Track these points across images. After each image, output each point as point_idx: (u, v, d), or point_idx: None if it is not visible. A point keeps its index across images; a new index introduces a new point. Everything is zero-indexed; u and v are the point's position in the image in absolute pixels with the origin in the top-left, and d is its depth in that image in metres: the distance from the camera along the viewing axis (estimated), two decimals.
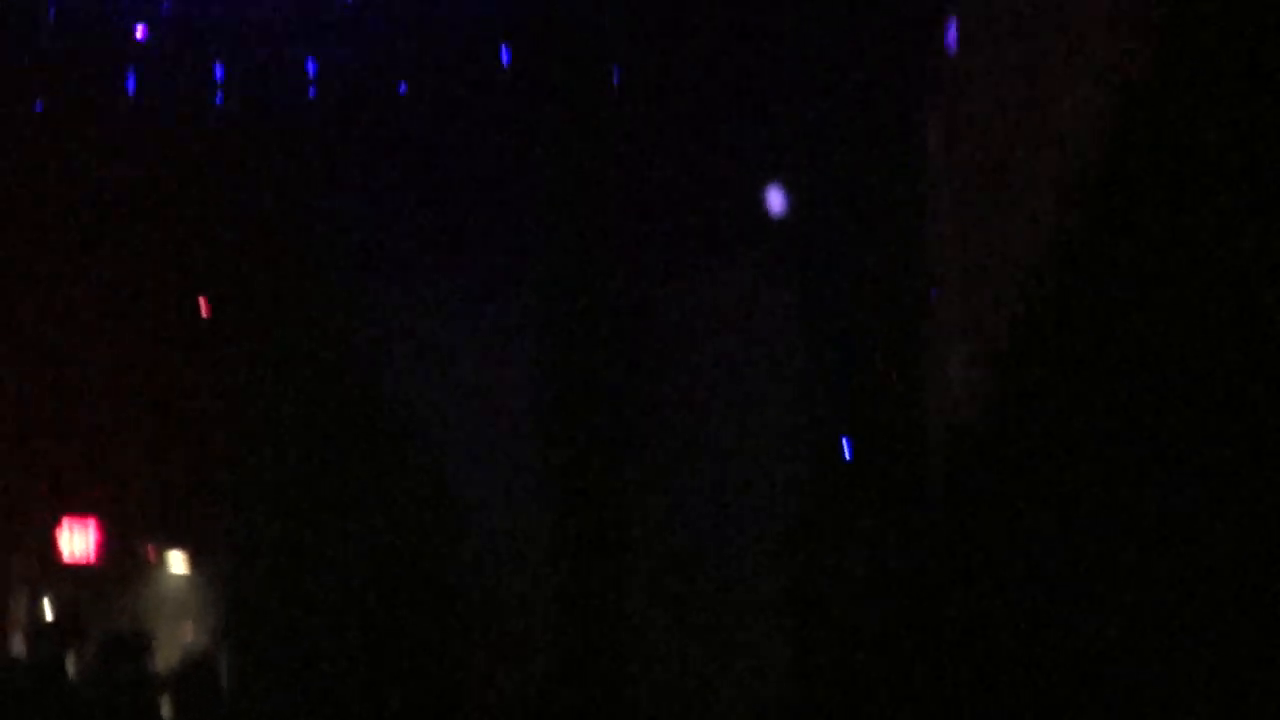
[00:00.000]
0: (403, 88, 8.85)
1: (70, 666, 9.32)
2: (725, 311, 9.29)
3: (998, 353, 7.28)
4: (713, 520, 9.15)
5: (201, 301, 9.95)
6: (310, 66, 8.92)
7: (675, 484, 9.32)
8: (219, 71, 8.91)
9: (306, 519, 9.31)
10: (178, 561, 14.94)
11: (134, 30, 8.68)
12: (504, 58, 8.75)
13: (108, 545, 12.76)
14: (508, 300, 9.45)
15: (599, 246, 9.19)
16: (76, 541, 12.73)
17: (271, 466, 9.39)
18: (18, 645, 11.35)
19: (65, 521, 12.60)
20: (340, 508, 9.29)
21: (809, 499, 9.23)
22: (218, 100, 8.97)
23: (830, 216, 8.65)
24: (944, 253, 7.99)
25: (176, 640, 12.76)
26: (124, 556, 13.64)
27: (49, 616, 12.88)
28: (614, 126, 8.83)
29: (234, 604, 11.25)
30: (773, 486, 9.13)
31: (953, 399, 7.96)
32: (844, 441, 9.14)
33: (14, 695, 9.09)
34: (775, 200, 8.78)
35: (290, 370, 9.47)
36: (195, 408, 10.00)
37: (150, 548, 14.15)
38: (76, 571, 13.30)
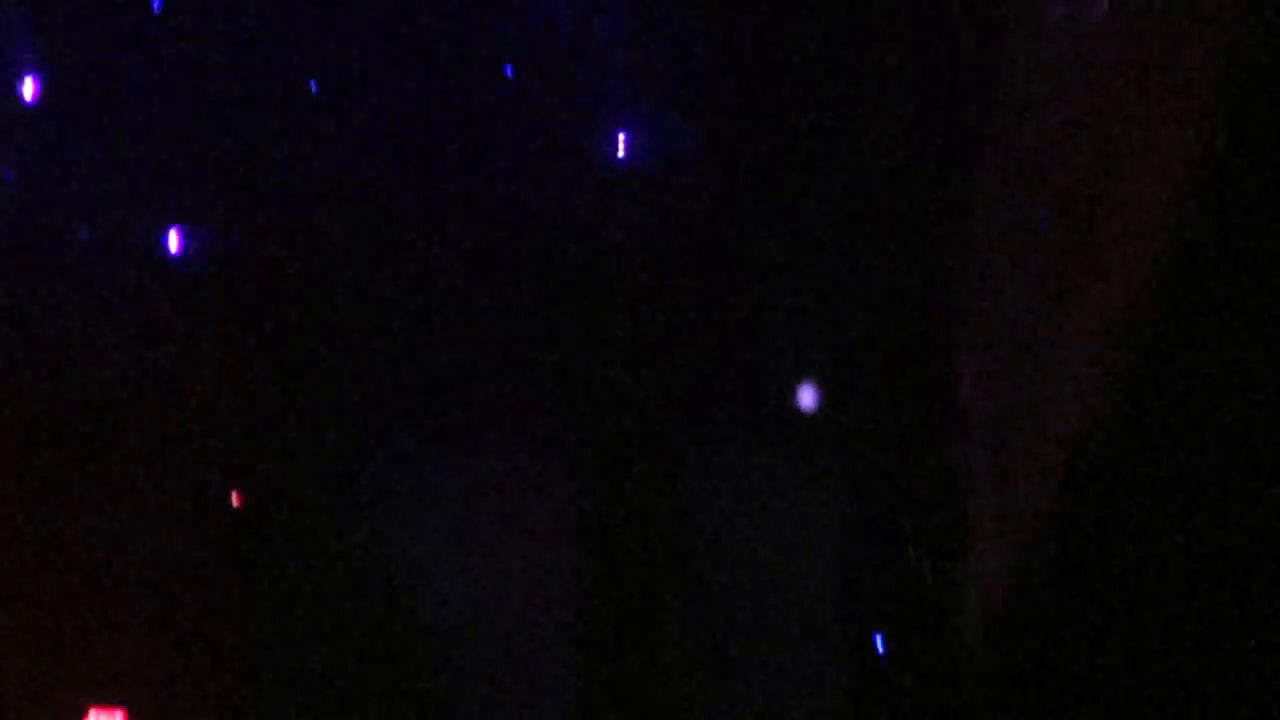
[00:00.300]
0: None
1: None
2: (759, 502, 9.29)
3: (1034, 546, 7.30)
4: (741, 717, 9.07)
5: (234, 495, 10.00)
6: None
7: (704, 679, 9.25)
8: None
9: (335, 713, 9.25)
10: None
11: None
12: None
13: None
14: (538, 496, 9.48)
15: (631, 430, 9.23)
16: None
17: (302, 660, 9.36)
18: None
19: (92, 712, 12.55)
20: (371, 702, 9.24)
21: (841, 696, 9.16)
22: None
23: (865, 408, 8.68)
24: (980, 447, 8.03)
25: None
26: None
27: None
28: (652, 313, 8.92)
29: None
30: (804, 683, 9.06)
31: (989, 593, 7.95)
32: (877, 637, 9.08)
33: None
34: (807, 395, 8.82)
35: (320, 561, 9.49)
36: (225, 598, 10.00)
37: None
38: None
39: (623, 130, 8.71)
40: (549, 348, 8.89)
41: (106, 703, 11.63)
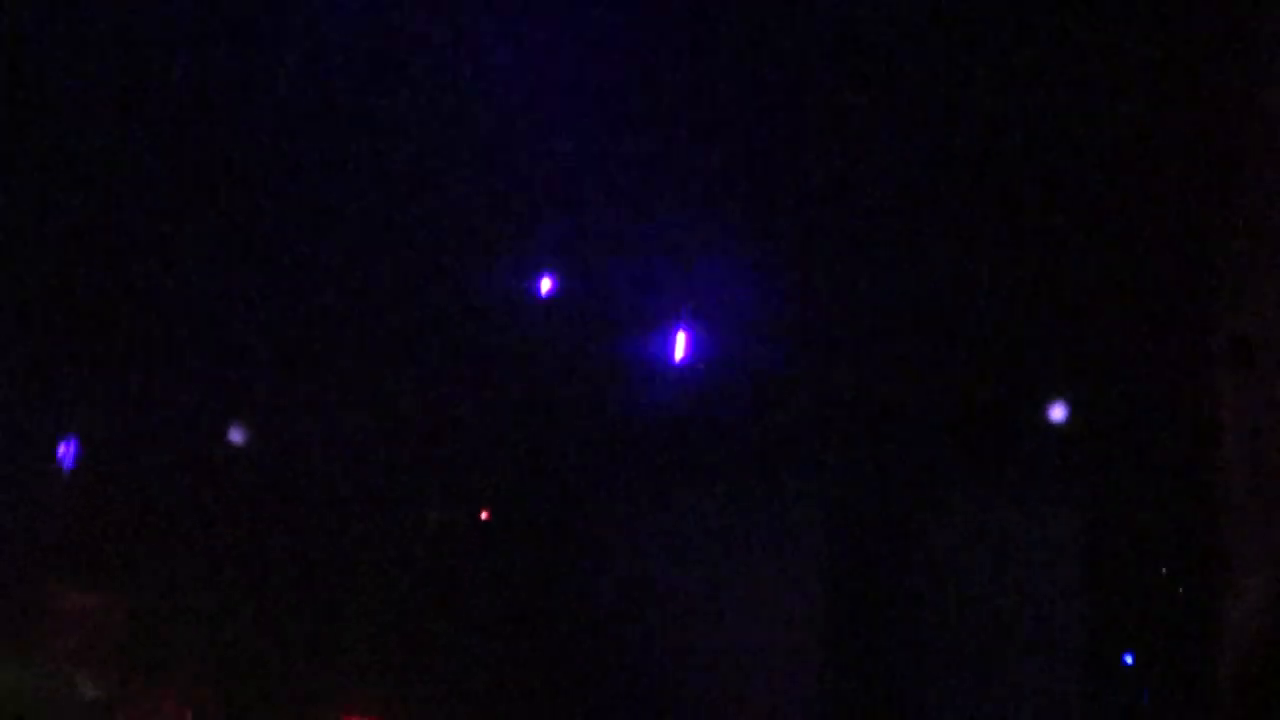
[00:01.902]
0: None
1: None
2: (1008, 529, 9.19)
3: None
4: None
5: (484, 513, 10.24)
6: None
7: (956, 703, 9.19)
8: None
9: None
10: None
11: None
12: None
13: None
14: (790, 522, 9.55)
15: (882, 463, 9.21)
16: None
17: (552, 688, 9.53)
18: None
19: None
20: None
21: (1087, 710, 9.01)
22: None
23: (1118, 433, 8.53)
24: (1231, 464, 7.78)
25: None
26: None
27: None
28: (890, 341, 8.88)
29: None
30: (1058, 704, 8.94)
31: (1248, 616, 7.70)
32: (1126, 656, 8.91)
33: None
34: (1059, 413, 8.70)
35: (560, 592, 9.66)
36: (476, 612, 10.23)
37: None
38: None
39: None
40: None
41: (363, 713, 11.85)
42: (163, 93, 8.44)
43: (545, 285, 8.89)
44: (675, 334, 8.85)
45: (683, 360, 8.80)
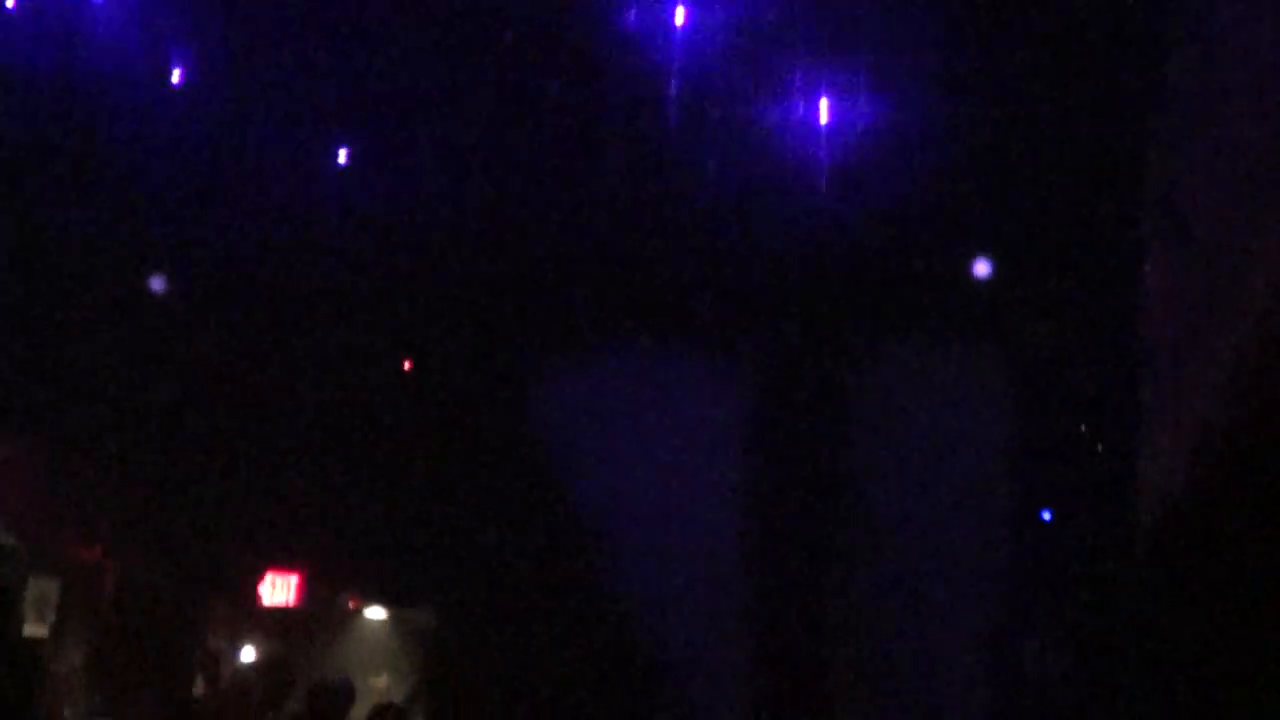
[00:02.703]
0: None
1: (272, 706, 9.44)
2: (932, 379, 9.21)
3: (1210, 425, 7.07)
4: (913, 595, 9.07)
5: (406, 362, 10.16)
6: None
7: (876, 548, 9.26)
8: None
9: (503, 582, 9.43)
10: (376, 611, 15.25)
11: None
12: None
13: (309, 596, 13.09)
14: (713, 370, 9.54)
15: (806, 314, 9.19)
16: (279, 593, 13.10)
17: (471, 529, 9.54)
18: (224, 686, 11.62)
19: (270, 575, 12.95)
20: (538, 575, 9.40)
21: (1010, 564, 9.10)
22: None
23: (1040, 286, 8.52)
24: (1156, 328, 7.79)
25: (373, 685, 12.99)
26: (325, 606, 13.96)
27: (252, 659, 13.20)
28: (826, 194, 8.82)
29: (430, 654, 11.44)
30: (974, 551, 9.02)
31: (1161, 471, 7.76)
32: (1045, 512, 9.00)
33: None
34: (982, 267, 8.69)
35: (486, 435, 9.62)
36: (397, 470, 10.21)
37: (352, 599, 14.47)
38: (279, 618, 13.63)
39: None
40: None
41: (283, 568, 11.81)
42: None
43: None
44: None
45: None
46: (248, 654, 13.55)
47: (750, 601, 9.30)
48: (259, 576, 12.55)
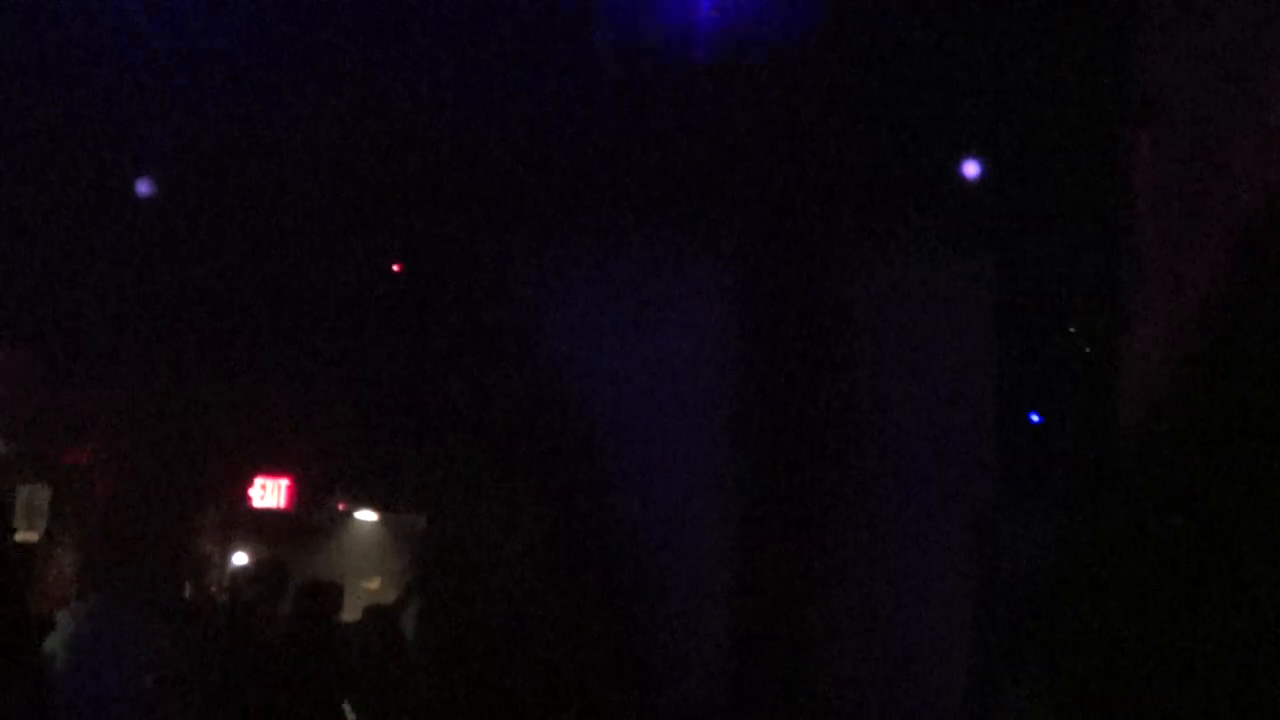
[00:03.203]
0: None
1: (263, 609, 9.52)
2: (917, 285, 9.21)
3: (1193, 330, 7.08)
4: (901, 499, 9.12)
5: (395, 265, 10.16)
6: None
7: (863, 450, 9.30)
8: None
9: (492, 484, 9.47)
10: (367, 514, 15.34)
11: None
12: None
13: (300, 500, 13.17)
14: (701, 272, 9.53)
15: (792, 217, 9.17)
16: (269, 497, 13.17)
17: (461, 432, 9.57)
18: (214, 589, 11.73)
19: (260, 479, 13.02)
20: (523, 477, 9.44)
21: (998, 467, 9.14)
22: None
23: (1026, 193, 8.51)
24: (1141, 229, 7.78)
25: (364, 587, 13.11)
26: (316, 510, 14.04)
27: (245, 562, 13.29)
28: (812, 91, 8.76)
29: (421, 557, 11.51)
30: (962, 462, 9.06)
31: (1147, 376, 7.78)
32: (1032, 415, 9.03)
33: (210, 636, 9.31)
34: (971, 170, 8.67)
35: (471, 340, 9.63)
36: (387, 374, 10.22)
37: (342, 502, 14.55)
38: (270, 522, 13.72)
39: None
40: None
41: (273, 472, 11.83)
42: None
43: None
44: None
45: None
46: (239, 558, 13.65)
47: (735, 501, 9.35)
48: (249, 480, 12.61)
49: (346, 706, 7.82)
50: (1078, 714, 7.26)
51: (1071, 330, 8.85)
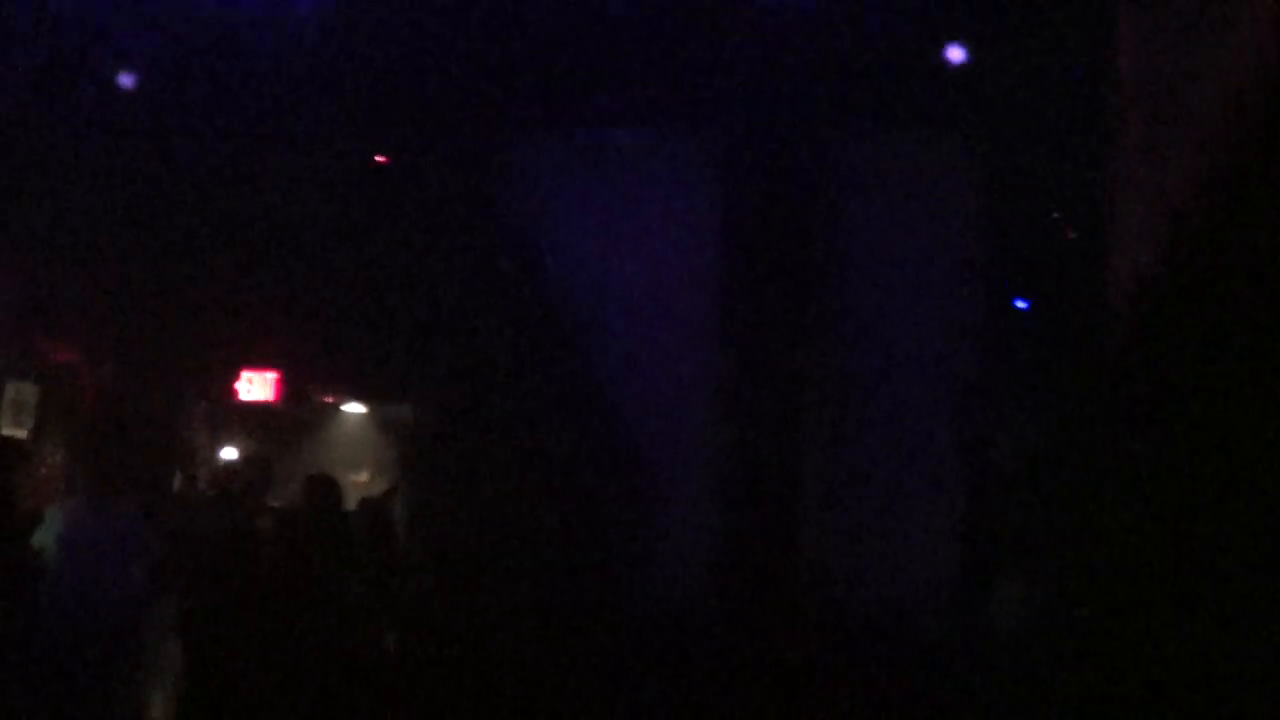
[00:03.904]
0: None
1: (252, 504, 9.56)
2: (902, 172, 9.17)
3: (1184, 206, 7.05)
4: (888, 388, 9.13)
5: (378, 158, 10.09)
6: None
7: (849, 341, 9.30)
8: None
9: (480, 376, 9.47)
10: (355, 407, 15.36)
11: None
12: None
13: (288, 393, 13.18)
14: (686, 161, 9.50)
15: (776, 97, 9.11)
16: (257, 390, 13.16)
17: (448, 323, 9.55)
18: (202, 484, 11.78)
19: (247, 372, 13.01)
20: (513, 369, 9.43)
21: (984, 354, 9.15)
22: None
23: (1010, 78, 8.44)
24: (1126, 109, 7.73)
25: (353, 480, 13.16)
26: (304, 403, 14.05)
27: (234, 456, 13.34)
28: None
29: (409, 449, 11.54)
30: (947, 343, 9.06)
31: (1131, 255, 7.75)
32: (1017, 298, 9.02)
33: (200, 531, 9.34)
34: (955, 55, 8.59)
35: (461, 235, 9.59)
36: (373, 265, 10.20)
37: (330, 395, 14.57)
38: (258, 415, 13.73)
39: None
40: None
41: (261, 365, 11.79)
42: None
43: None
44: None
45: None
46: (228, 452, 13.69)
47: (722, 390, 9.36)
48: (236, 374, 12.61)
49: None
50: (1069, 604, 7.31)
51: (1057, 215, 8.82)
